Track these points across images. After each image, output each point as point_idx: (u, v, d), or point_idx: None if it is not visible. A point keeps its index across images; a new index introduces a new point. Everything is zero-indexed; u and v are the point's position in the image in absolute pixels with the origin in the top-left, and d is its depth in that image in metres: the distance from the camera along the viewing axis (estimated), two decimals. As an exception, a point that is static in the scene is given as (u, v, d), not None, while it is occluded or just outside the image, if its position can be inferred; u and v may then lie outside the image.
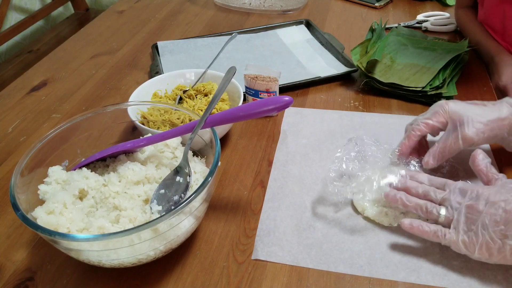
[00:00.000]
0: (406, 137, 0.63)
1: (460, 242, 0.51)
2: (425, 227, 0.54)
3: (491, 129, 0.59)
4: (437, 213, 0.54)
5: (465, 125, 0.59)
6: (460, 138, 0.59)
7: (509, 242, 0.48)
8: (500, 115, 0.59)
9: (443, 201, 0.55)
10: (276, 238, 0.59)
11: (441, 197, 0.55)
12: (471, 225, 0.51)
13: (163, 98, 0.81)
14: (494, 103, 0.61)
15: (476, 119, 0.59)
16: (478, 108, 0.60)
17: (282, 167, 0.70)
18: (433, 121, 0.61)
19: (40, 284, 0.55)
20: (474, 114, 0.59)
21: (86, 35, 1.19)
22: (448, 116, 0.60)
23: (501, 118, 0.59)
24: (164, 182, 0.56)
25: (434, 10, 1.17)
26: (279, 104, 0.55)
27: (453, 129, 0.60)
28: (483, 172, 0.56)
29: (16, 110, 0.89)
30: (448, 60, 0.87)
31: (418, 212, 0.56)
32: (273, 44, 1.07)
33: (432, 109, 0.63)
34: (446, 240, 0.52)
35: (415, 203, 0.56)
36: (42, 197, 0.55)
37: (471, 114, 0.59)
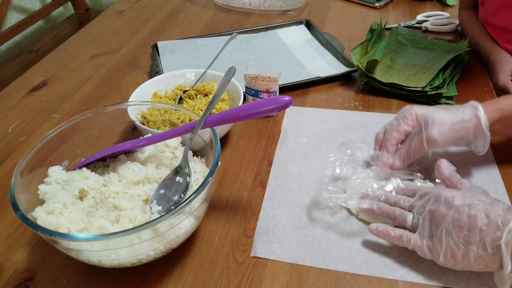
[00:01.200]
0: (384, 150, 0.63)
1: (425, 247, 0.51)
2: (390, 232, 0.54)
3: (455, 130, 0.59)
4: (404, 219, 0.55)
5: (429, 127, 0.59)
6: (424, 140, 0.60)
7: (472, 248, 0.48)
8: (463, 117, 0.60)
9: (411, 208, 0.55)
10: (275, 236, 0.59)
11: (410, 204, 0.56)
12: (435, 230, 0.51)
13: (163, 98, 0.81)
14: (458, 107, 0.61)
15: (440, 120, 0.59)
16: (442, 111, 0.61)
17: (282, 166, 0.70)
18: (404, 127, 0.62)
19: (40, 284, 0.55)
20: (438, 116, 0.60)
21: (86, 35, 1.19)
22: (415, 119, 0.61)
23: (465, 120, 0.60)
24: (164, 182, 0.56)
25: (434, 10, 1.17)
26: (279, 104, 0.55)
27: (419, 131, 0.61)
28: (448, 179, 0.56)
29: (16, 110, 0.89)
30: (448, 60, 0.87)
31: (387, 219, 0.57)
32: (273, 44, 1.07)
33: (399, 115, 0.64)
34: (411, 245, 0.52)
35: (385, 211, 0.57)
36: (42, 197, 0.55)
37: (436, 116, 0.60)
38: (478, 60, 0.95)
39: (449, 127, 0.59)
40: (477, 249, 0.47)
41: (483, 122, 0.59)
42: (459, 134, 0.60)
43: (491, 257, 0.47)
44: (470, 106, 0.61)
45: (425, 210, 0.53)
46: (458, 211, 0.49)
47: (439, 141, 0.59)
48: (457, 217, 0.49)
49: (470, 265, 0.49)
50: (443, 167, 0.57)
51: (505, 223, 0.46)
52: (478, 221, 0.48)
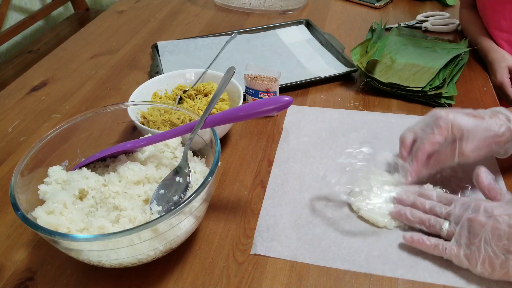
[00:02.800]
0: (415, 160, 0.60)
1: (462, 256, 0.51)
2: (426, 241, 0.54)
3: (488, 145, 0.58)
4: (439, 227, 0.54)
5: (464, 141, 0.57)
6: (456, 154, 0.58)
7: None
8: (498, 131, 0.58)
9: (448, 216, 0.54)
10: (276, 233, 0.59)
11: (446, 212, 0.55)
12: (474, 239, 0.50)
13: (163, 98, 0.81)
14: (491, 115, 0.59)
15: (476, 135, 0.57)
16: (478, 122, 0.58)
17: (283, 164, 0.70)
18: (437, 136, 0.58)
19: (40, 284, 0.55)
20: (474, 129, 0.57)
21: (86, 35, 1.19)
22: (449, 129, 0.58)
23: (499, 135, 0.58)
24: (163, 183, 0.56)
25: (434, 10, 1.17)
26: (279, 104, 0.55)
27: (452, 142, 0.58)
28: (487, 188, 0.55)
29: (16, 110, 0.89)
30: (448, 60, 0.87)
31: (421, 227, 0.56)
32: (273, 44, 1.07)
33: (431, 119, 0.60)
34: (447, 253, 0.52)
35: (419, 217, 0.56)
36: (42, 197, 0.55)
37: (472, 129, 0.57)
38: (478, 60, 0.95)
39: (483, 142, 0.58)
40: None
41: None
42: (490, 148, 0.59)
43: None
44: (504, 117, 0.59)
45: (462, 219, 0.52)
46: (497, 221, 0.49)
47: (471, 157, 0.58)
48: (496, 227, 0.49)
49: (509, 274, 0.48)
50: (482, 175, 0.56)
51: None
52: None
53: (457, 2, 1.21)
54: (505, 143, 0.59)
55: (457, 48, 0.92)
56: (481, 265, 0.50)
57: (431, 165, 0.60)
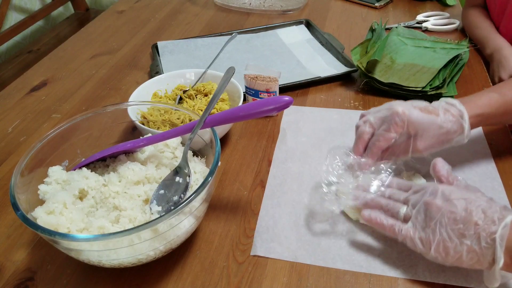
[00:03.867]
0: (369, 154, 0.61)
1: (417, 239, 0.51)
2: (383, 220, 0.54)
3: (440, 141, 0.60)
4: (397, 211, 0.54)
5: (418, 139, 0.59)
6: (410, 149, 0.60)
7: (466, 241, 0.48)
8: (450, 128, 0.59)
9: (406, 201, 0.55)
10: (275, 234, 0.59)
11: (404, 197, 0.55)
12: (430, 222, 0.50)
13: (163, 98, 0.81)
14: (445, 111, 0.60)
15: (429, 133, 0.59)
16: (431, 120, 0.59)
17: (282, 165, 0.70)
18: (392, 133, 0.59)
19: (40, 284, 0.55)
20: (428, 127, 0.59)
21: (86, 35, 1.19)
22: (405, 126, 0.59)
23: (451, 132, 0.59)
24: (163, 183, 0.56)
25: (434, 10, 1.17)
26: (279, 104, 0.55)
27: (407, 138, 0.60)
28: (444, 177, 0.56)
29: (16, 110, 0.89)
30: (448, 60, 0.87)
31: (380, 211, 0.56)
32: (273, 44, 1.07)
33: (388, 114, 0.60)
34: (402, 235, 0.52)
35: (378, 202, 0.57)
36: (42, 197, 0.55)
37: (426, 128, 0.59)
38: (478, 60, 0.95)
39: (436, 139, 0.60)
40: (471, 243, 0.47)
41: (465, 133, 0.60)
42: (442, 144, 0.61)
43: (484, 252, 0.47)
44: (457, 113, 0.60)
45: (419, 202, 0.52)
46: (454, 205, 0.49)
47: (423, 152, 0.60)
48: (453, 210, 0.49)
49: (462, 259, 0.49)
50: (439, 165, 0.57)
51: (501, 219, 0.47)
52: (474, 216, 0.48)
53: (457, 2, 1.21)
54: (456, 138, 0.61)
55: (457, 48, 0.92)
56: (435, 249, 0.49)
57: (386, 157, 0.62)
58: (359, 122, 0.65)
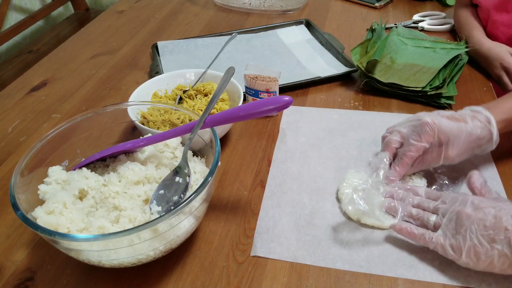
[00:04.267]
0: (400, 165, 0.62)
1: (447, 246, 0.52)
2: (413, 229, 0.55)
3: (470, 148, 0.62)
4: (427, 219, 0.55)
5: (450, 146, 0.61)
6: (442, 157, 0.61)
7: (497, 246, 0.48)
8: (479, 134, 0.61)
9: (435, 210, 0.56)
10: (275, 235, 0.59)
11: (434, 206, 0.56)
12: (460, 228, 0.51)
13: (163, 98, 0.81)
14: (472, 117, 0.62)
15: (460, 140, 0.60)
16: (461, 127, 0.61)
17: (281, 165, 0.70)
18: (424, 143, 0.60)
19: (40, 284, 0.55)
20: (458, 134, 0.60)
21: (86, 35, 1.19)
22: (436, 135, 0.60)
23: (480, 138, 0.61)
24: (163, 183, 0.56)
25: (434, 10, 1.17)
26: (279, 104, 0.55)
27: (438, 146, 0.61)
28: (477, 188, 0.56)
29: (16, 110, 0.89)
30: (448, 60, 0.87)
31: (409, 219, 0.57)
32: (273, 44, 1.07)
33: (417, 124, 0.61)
34: (433, 242, 0.53)
35: (409, 211, 0.58)
36: (42, 197, 0.55)
37: (456, 135, 0.60)
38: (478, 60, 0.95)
39: (467, 145, 0.61)
40: (502, 247, 0.48)
41: (494, 139, 0.62)
42: (472, 150, 0.62)
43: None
44: (484, 119, 0.61)
45: (449, 211, 0.53)
46: (484, 212, 0.50)
47: (456, 160, 0.62)
48: (482, 218, 0.50)
49: (493, 264, 0.49)
50: (474, 178, 0.57)
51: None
52: (504, 222, 0.49)
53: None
54: (485, 144, 0.62)
55: (457, 48, 0.92)
56: (466, 254, 0.50)
57: (416, 166, 0.63)
58: (385, 133, 0.66)
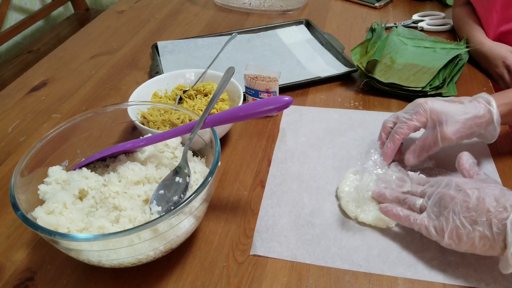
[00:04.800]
0: (391, 141, 0.64)
1: (431, 227, 0.52)
2: (399, 211, 0.56)
3: (468, 127, 0.61)
4: (413, 203, 0.56)
5: (444, 125, 0.61)
6: (439, 137, 0.61)
7: (478, 228, 0.49)
8: (477, 113, 0.61)
9: (422, 194, 0.57)
10: (275, 234, 0.59)
11: (421, 191, 0.57)
12: (443, 210, 0.52)
13: (163, 98, 0.81)
14: (471, 100, 0.62)
15: (455, 118, 0.61)
16: (456, 106, 0.61)
17: (281, 165, 0.70)
18: (415, 122, 0.63)
19: (40, 284, 0.55)
20: (452, 113, 0.61)
21: (86, 35, 1.19)
22: (428, 115, 0.62)
23: (478, 116, 0.61)
24: (163, 183, 0.56)
25: (434, 10, 1.17)
26: (279, 104, 0.55)
27: (433, 127, 0.62)
28: (466, 169, 0.57)
29: (16, 110, 0.89)
30: (448, 60, 0.87)
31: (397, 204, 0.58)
32: (273, 44, 1.07)
33: (411, 107, 0.64)
34: (417, 224, 0.53)
35: (396, 196, 0.58)
36: (42, 197, 0.55)
37: (450, 113, 0.61)
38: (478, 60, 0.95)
39: (463, 124, 0.61)
40: (483, 229, 0.48)
41: (495, 118, 0.61)
42: (471, 130, 0.61)
43: (496, 237, 0.48)
44: (483, 100, 0.62)
45: (434, 194, 0.54)
46: (467, 194, 0.51)
47: (454, 139, 0.61)
48: (465, 199, 0.50)
49: (475, 245, 0.50)
50: (464, 159, 0.58)
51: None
52: (487, 203, 0.49)
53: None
54: (487, 125, 0.62)
55: (457, 48, 0.92)
56: (448, 236, 0.51)
57: (419, 152, 0.63)
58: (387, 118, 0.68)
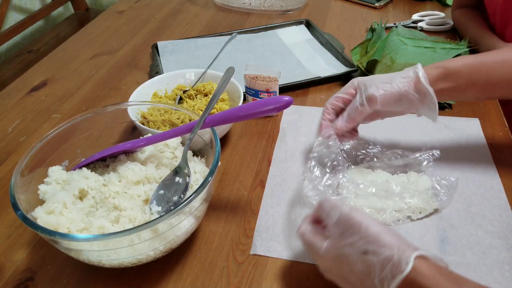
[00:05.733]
0: (322, 115, 0.65)
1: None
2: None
3: (394, 88, 0.60)
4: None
5: (368, 87, 0.61)
6: (364, 99, 0.61)
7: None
8: (400, 74, 0.61)
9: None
10: (275, 233, 0.59)
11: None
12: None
13: (163, 98, 0.81)
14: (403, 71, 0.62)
15: (378, 79, 0.61)
16: (378, 75, 0.63)
17: (281, 164, 0.70)
18: (343, 94, 0.64)
19: (40, 284, 0.55)
20: (377, 78, 0.62)
21: (86, 35, 1.19)
22: (355, 86, 0.63)
23: (402, 76, 0.60)
24: (163, 183, 0.56)
25: (434, 10, 1.17)
26: (279, 104, 0.55)
27: (359, 93, 0.62)
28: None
29: (16, 110, 0.89)
30: (448, 60, 0.87)
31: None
32: (273, 44, 1.07)
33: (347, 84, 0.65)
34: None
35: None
36: (42, 197, 0.55)
37: (375, 78, 0.62)
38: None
39: (386, 83, 0.60)
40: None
41: (421, 75, 0.59)
42: (397, 89, 0.60)
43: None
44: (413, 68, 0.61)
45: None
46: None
47: (377, 96, 0.60)
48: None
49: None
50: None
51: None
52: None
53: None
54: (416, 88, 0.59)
55: (457, 48, 0.92)
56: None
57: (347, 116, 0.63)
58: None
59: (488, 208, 0.60)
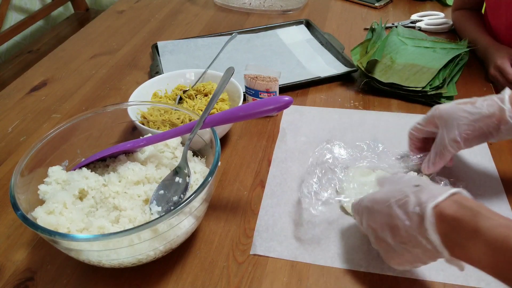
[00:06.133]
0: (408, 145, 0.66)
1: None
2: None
3: (478, 129, 0.57)
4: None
5: (450, 130, 0.58)
6: (447, 144, 0.58)
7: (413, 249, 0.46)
8: (485, 112, 0.56)
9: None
10: (275, 233, 0.59)
11: None
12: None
13: (163, 98, 0.81)
14: (484, 99, 0.57)
15: (461, 121, 0.57)
16: (463, 107, 0.58)
17: (281, 164, 0.70)
18: (422, 126, 0.63)
19: (40, 284, 0.55)
20: (457, 115, 0.57)
21: (86, 35, 1.19)
22: (436, 120, 0.60)
23: (486, 116, 0.56)
24: (163, 183, 0.56)
25: (434, 10, 1.17)
26: (279, 104, 0.55)
27: (441, 134, 0.59)
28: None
29: (16, 110, 0.89)
30: (448, 60, 0.87)
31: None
32: (273, 44, 1.07)
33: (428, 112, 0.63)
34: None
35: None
36: (42, 197, 0.55)
37: (454, 115, 0.58)
38: (478, 60, 0.95)
39: (469, 126, 0.57)
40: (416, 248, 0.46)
41: (507, 112, 0.55)
42: (480, 131, 0.57)
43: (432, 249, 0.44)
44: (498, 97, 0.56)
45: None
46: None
47: (462, 143, 0.58)
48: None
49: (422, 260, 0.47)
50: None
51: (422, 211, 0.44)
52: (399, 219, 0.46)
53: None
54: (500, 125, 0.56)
55: (457, 48, 0.92)
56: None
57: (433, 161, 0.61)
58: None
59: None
